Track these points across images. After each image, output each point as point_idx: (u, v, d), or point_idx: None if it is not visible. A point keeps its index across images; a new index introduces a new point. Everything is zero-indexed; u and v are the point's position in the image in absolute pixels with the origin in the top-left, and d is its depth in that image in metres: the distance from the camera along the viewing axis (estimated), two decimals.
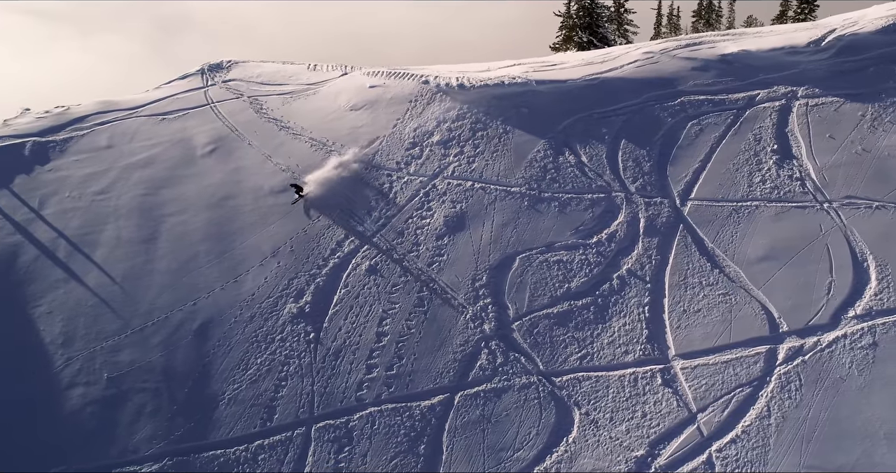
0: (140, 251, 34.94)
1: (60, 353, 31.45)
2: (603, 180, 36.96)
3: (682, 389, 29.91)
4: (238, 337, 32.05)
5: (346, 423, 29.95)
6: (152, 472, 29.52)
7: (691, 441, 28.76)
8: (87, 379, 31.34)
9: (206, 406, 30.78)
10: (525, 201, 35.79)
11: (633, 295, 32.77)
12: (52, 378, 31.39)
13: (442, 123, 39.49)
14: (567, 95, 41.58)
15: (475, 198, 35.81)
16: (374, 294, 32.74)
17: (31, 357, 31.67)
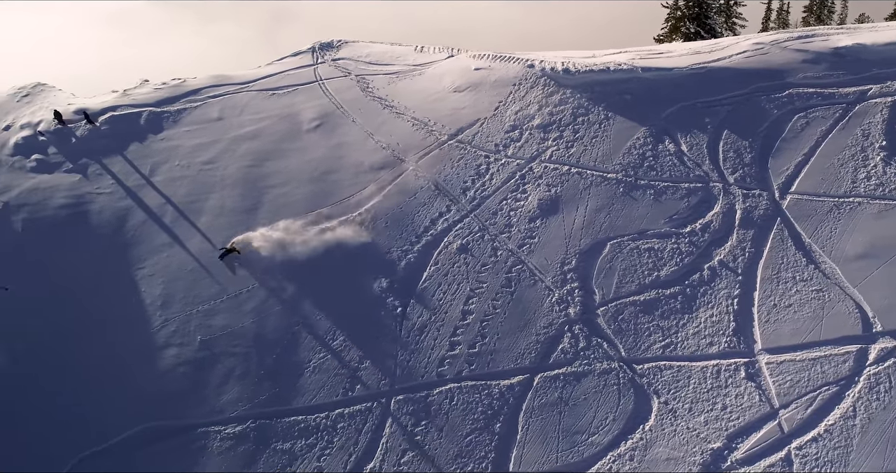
0: (242, 220, 38.08)
1: (158, 314, 34.81)
2: (701, 170, 38.30)
3: (765, 384, 31.18)
4: (329, 308, 34.83)
5: (425, 397, 32.20)
6: (235, 433, 32.11)
7: (771, 437, 29.87)
8: (182, 341, 34.44)
9: (291, 373, 33.36)
10: (621, 187, 37.44)
11: (722, 287, 34.13)
12: (149, 337, 34.49)
13: (544, 107, 41.48)
14: (672, 83, 42.89)
15: (571, 182, 37.67)
16: (463, 272, 35.00)
17: (131, 316, 35.07)
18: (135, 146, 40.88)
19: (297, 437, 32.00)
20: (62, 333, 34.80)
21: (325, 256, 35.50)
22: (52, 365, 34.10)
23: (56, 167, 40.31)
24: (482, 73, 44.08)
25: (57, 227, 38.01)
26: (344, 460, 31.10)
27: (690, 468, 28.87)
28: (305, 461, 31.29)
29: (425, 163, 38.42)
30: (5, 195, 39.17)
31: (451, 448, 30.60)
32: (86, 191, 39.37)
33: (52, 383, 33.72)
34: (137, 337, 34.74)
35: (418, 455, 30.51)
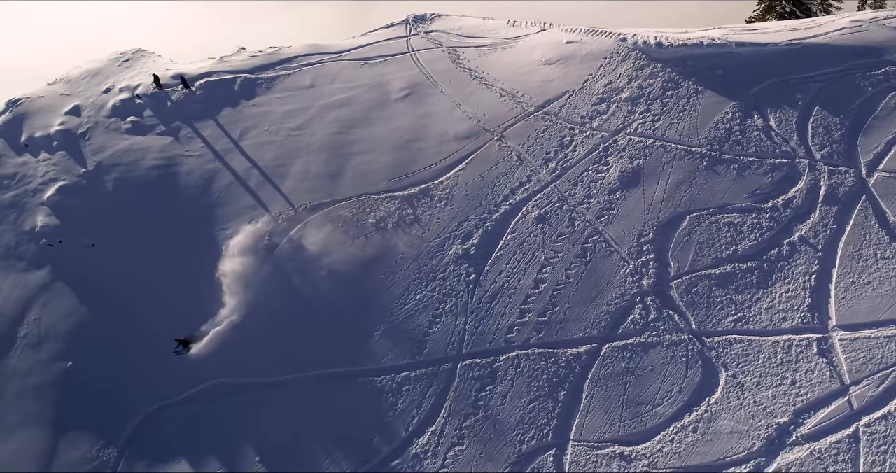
0: (324, 185, 40.84)
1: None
2: (788, 145, 39.37)
3: (837, 360, 32.21)
4: (402, 273, 37.11)
5: (491, 363, 34.21)
6: (301, 392, 34.49)
7: (839, 414, 30.64)
8: (256, 299, 37.06)
9: (360, 335, 35.45)
10: (704, 161, 38.83)
11: (801, 263, 35.24)
12: (220, 300, 37.65)
13: (633, 81, 43.14)
14: (765, 59, 43.87)
15: (654, 155, 39.24)
16: (539, 242, 37.00)
17: (210, 276, 38.32)
18: (227, 111, 44.13)
19: (363, 398, 33.81)
20: (147, 290, 37.95)
21: (398, 223, 37.71)
22: (135, 319, 37.55)
23: (150, 129, 43.84)
24: (573, 47, 45.93)
25: (146, 187, 41.38)
26: (406, 422, 32.97)
27: (754, 442, 29.94)
28: (368, 422, 33.13)
29: (510, 133, 40.44)
30: (99, 155, 42.85)
31: (513, 414, 32.10)
32: (176, 154, 42.70)
33: (134, 337, 36.54)
34: (215, 296, 37.24)
35: (480, 420, 32.17)
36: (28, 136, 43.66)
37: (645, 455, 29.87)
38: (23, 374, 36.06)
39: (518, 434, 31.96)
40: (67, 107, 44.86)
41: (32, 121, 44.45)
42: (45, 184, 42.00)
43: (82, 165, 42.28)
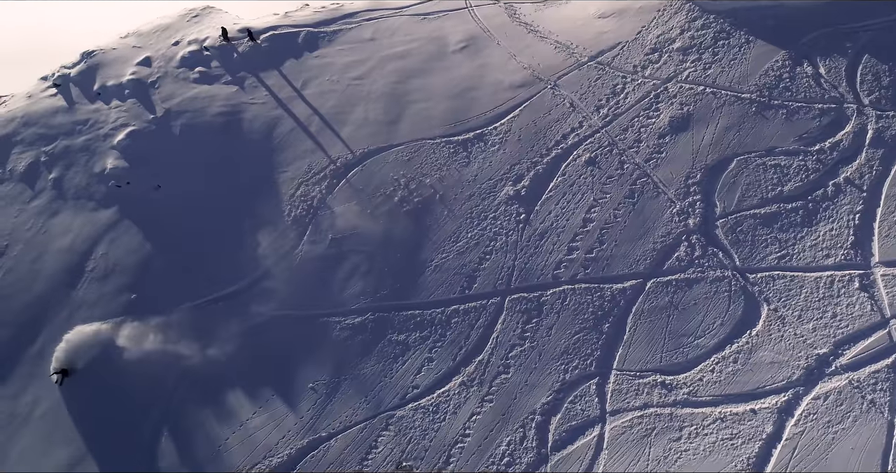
0: (382, 131, 42.04)
1: (295, 214, 39.46)
2: (837, 92, 39.69)
3: (878, 295, 32.61)
4: (455, 212, 38.13)
5: (538, 297, 35.10)
6: (355, 324, 35.59)
7: (879, 345, 31.10)
8: (314, 239, 38.33)
9: (413, 271, 36.55)
10: (753, 107, 39.30)
11: (845, 203, 35.67)
12: (285, 234, 38.90)
13: (686, 31, 43.70)
14: (817, 9, 43.79)
15: (704, 101, 39.83)
16: (589, 183, 37.84)
17: (269, 215, 39.56)
18: (290, 62, 45.53)
19: (413, 330, 34.99)
20: (209, 229, 39.63)
21: (452, 163, 38.83)
22: (197, 255, 39.31)
23: (216, 79, 45.35)
24: (627, 2, 46.66)
25: (212, 132, 42.90)
26: (454, 352, 33.88)
27: (794, 371, 30.56)
28: (417, 352, 34.28)
29: (563, 82, 41.26)
30: (168, 102, 44.47)
31: (558, 345, 32.98)
32: (241, 101, 44.16)
33: (195, 273, 38.39)
34: (274, 233, 38.59)
35: (526, 350, 33.09)
36: (101, 85, 45.31)
37: (685, 384, 30.40)
38: (90, 305, 37.42)
39: (562, 364, 32.46)
40: (138, 58, 46.36)
41: (105, 72, 46.11)
42: (116, 129, 43.63)
43: (151, 112, 43.73)
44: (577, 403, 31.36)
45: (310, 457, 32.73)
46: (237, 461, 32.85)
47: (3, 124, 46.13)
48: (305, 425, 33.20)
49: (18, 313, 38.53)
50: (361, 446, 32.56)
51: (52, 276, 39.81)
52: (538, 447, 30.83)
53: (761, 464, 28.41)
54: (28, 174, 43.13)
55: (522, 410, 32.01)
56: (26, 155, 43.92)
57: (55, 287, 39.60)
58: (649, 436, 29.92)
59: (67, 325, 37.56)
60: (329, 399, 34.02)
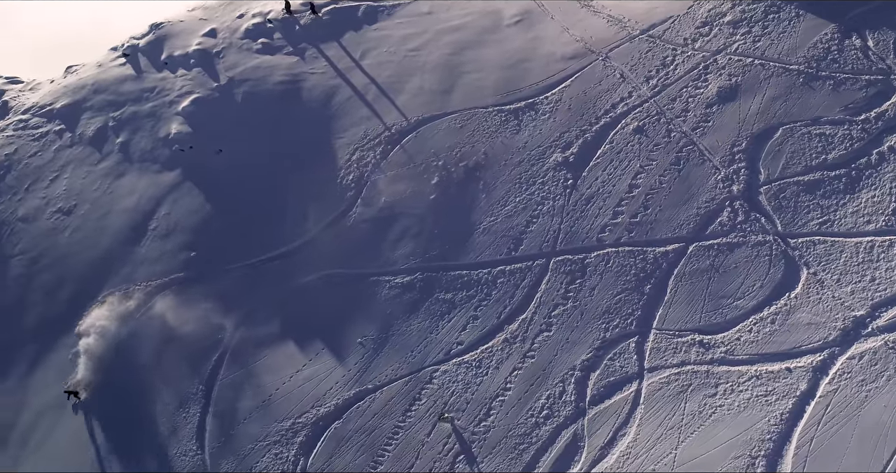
0: (436, 100, 43.22)
1: (350, 177, 40.98)
2: (884, 63, 39.88)
3: None
4: (504, 178, 39.21)
5: (582, 259, 36.03)
6: (403, 283, 36.83)
7: None
8: (367, 202, 39.61)
9: (462, 234, 37.61)
10: (801, 78, 39.77)
11: (889, 171, 35.98)
12: (340, 196, 40.46)
13: (737, 5, 44.06)
14: None
15: (752, 73, 40.38)
16: (636, 151, 38.70)
17: (326, 177, 41.21)
18: (350, 34, 46.96)
19: (459, 289, 36.08)
20: (268, 191, 41.60)
21: (504, 131, 40.15)
22: (255, 216, 41.12)
23: (278, 50, 46.96)
24: None
25: (272, 100, 44.53)
26: (498, 311, 34.93)
27: (830, 332, 31.21)
28: (463, 310, 35.34)
29: (614, 54, 42.04)
30: (231, 71, 46.21)
31: (600, 305, 33.89)
32: (301, 71, 45.73)
33: (253, 233, 40.21)
34: (329, 196, 40.09)
35: (569, 310, 34.08)
36: (168, 55, 47.20)
37: (723, 343, 31.16)
38: (151, 261, 39.25)
39: (603, 323, 33.23)
40: (204, 30, 48.10)
41: (172, 42, 47.99)
42: (181, 96, 45.50)
43: (215, 80, 45.47)
44: (616, 360, 31.84)
45: (355, 408, 33.77)
46: (286, 410, 34.15)
47: (75, 91, 48.13)
48: (353, 377, 34.14)
49: (84, 269, 40.33)
50: (405, 398, 33.48)
51: (117, 234, 41.54)
52: (577, 401, 31.44)
53: (794, 420, 28.85)
54: (96, 138, 45.03)
55: (563, 366, 32.69)
56: (95, 120, 45.93)
57: (119, 244, 41.50)
58: (685, 392, 30.34)
59: (129, 281, 38.92)
60: (376, 353, 35.16)
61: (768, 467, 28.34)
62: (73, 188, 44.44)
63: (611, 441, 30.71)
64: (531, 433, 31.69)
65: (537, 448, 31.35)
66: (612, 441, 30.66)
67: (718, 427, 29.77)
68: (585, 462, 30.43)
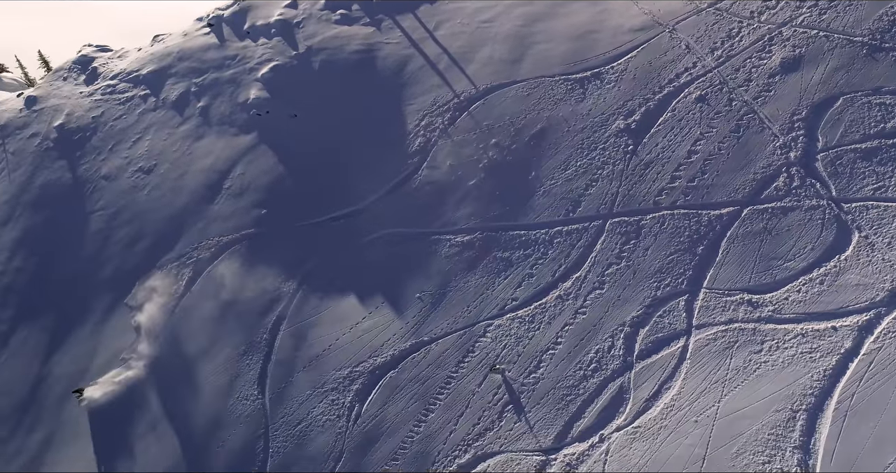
0: (505, 69, 44.65)
1: (417, 142, 42.76)
2: None
3: None
4: (566, 143, 40.53)
5: (638, 221, 37.21)
6: (463, 242, 38.23)
7: None
8: (433, 164, 41.23)
9: (522, 196, 38.79)
10: (864, 50, 40.17)
11: None
12: (407, 159, 42.40)
13: None
14: None
15: (816, 44, 40.98)
16: (697, 119, 39.73)
17: (396, 139, 43.13)
18: (425, 6, 48.65)
19: (517, 248, 37.42)
20: (339, 153, 43.27)
21: (569, 99, 41.43)
22: (326, 178, 43.17)
23: (355, 21, 48.91)
24: None
25: (348, 68, 46.49)
26: (554, 269, 36.17)
27: (878, 293, 31.87)
28: (519, 268, 36.66)
29: (681, 26, 42.86)
30: (310, 40, 48.34)
31: (653, 264, 34.97)
32: (377, 41, 47.64)
33: (323, 193, 41.92)
34: (397, 159, 41.85)
35: (622, 269, 35.23)
36: (250, 25, 49.49)
37: (771, 302, 32.02)
38: (224, 218, 41.50)
39: (655, 282, 34.08)
40: (286, 1, 50.34)
41: (255, 13, 50.27)
42: (261, 63, 47.78)
43: (294, 49, 47.66)
44: (666, 317, 32.69)
45: (410, 359, 35.22)
46: (344, 359, 35.85)
47: (160, 59, 50.79)
48: (409, 330, 35.52)
49: (160, 224, 42.68)
50: (459, 350, 34.66)
51: (193, 192, 43.58)
52: (625, 355, 32.30)
53: (837, 376, 29.39)
54: (179, 102, 47.50)
55: (613, 322, 33.60)
56: (178, 85, 48.42)
57: (195, 202, 43.70)
58: (731, 348, 31.13)
59: (203, 236, 41.49)
60: (433, 308, 36.48)
61: (808, 420, 28.93)
62: (154, 149, 46.50)
63: (655, 394, 31.07)
64: (579, 385, 32.24)
65: (584, 399, 32.06)
66: (657, 393, 31.02)
67: (762, 381, 29.97)
68: (630, 413, 30.95)
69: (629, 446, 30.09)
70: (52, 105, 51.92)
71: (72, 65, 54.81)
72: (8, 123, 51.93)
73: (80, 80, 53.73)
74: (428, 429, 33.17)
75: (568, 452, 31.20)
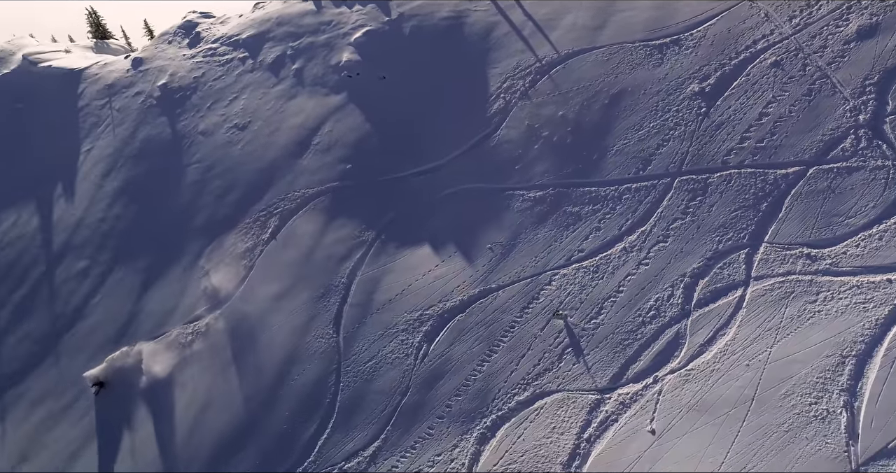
0: (587, 36, 46.43)
1: (499, 104, 45.08)
2: None
3: None
4: (641, 105, 42.13)
5: (705, 179, 38.77)
6: (535, 197, 39.93)
7: None
8: (512, 124, 43.09)
9: (595, 155, 40.45)
10: None
11: None
12: (486, 120, 44.64)
13: None
14: None
15: (894, 12, 42.04)
16: (770, 83, 41.07)
17: (478, 98, 45.45)
18: None
19: (586, 204, 39.04)
20: (425, 114, 46.27)
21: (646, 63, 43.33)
22: (410, 136, 45.68)
23: None
24: None
25: (436, 34, 48.97)
26: (620, 223, 37.73)
27: None
28: (588, 222, 38.30)
29: None
30: (402, 7, 50.78)
31: (717, 220, 36.30)
32: (465, 8, 49.92)
33: (406, 149, 44.51)
34: (478, 119, 44.16)
35: (687, 223, 36.69)
36: None
37: (829, 256, 33.23)
38: (311, 172, 44.36)
39: (717, 236, 35.42)
40: None
41: None
42: (355, 28, 50.58)
43: (387, 15, 50.33)
44: (725, 269, 34.08)
45: (478, 304, 36.99)
46: (415, 303, 37.92)
47: (260, 24, 54.01)
48: (479, 278, 37.42)
49: (251, 177, 45.54)
50: (525, 297, 36.46)
51: (283, 148, 46.28)
52: (683, 304, 33.76)
53: (888, 325, 30.35)
54: (275, 64, 50.59)
55: (674, 273, 34.90)
56: (275, 49, 51.55)
57: (285, 157, 46.33)
58: (787, 299, 32.37)
59: (290, 188, 44.12)
60: (503, 258, 38.27)
61: (857, 366, 30.00)
62: (249, 107, 49.47)
63: (710, 340, 32.39)
64: (637, 330, 33.70)
65: (641, 344, 33.44)
66: (712, 339, 32.36)
67: (814, 329, 31.07)
68: (684, 357, 32.23)
69: (681, 387, 31.06)
70: (157, 66, 55.52)
71: (177, 29, 58.38)
72: (115, 82, 55.73)
73: (183, 44, 57.10)
74: (490, 368, 34.48)
75: (622, 392, 32.14)
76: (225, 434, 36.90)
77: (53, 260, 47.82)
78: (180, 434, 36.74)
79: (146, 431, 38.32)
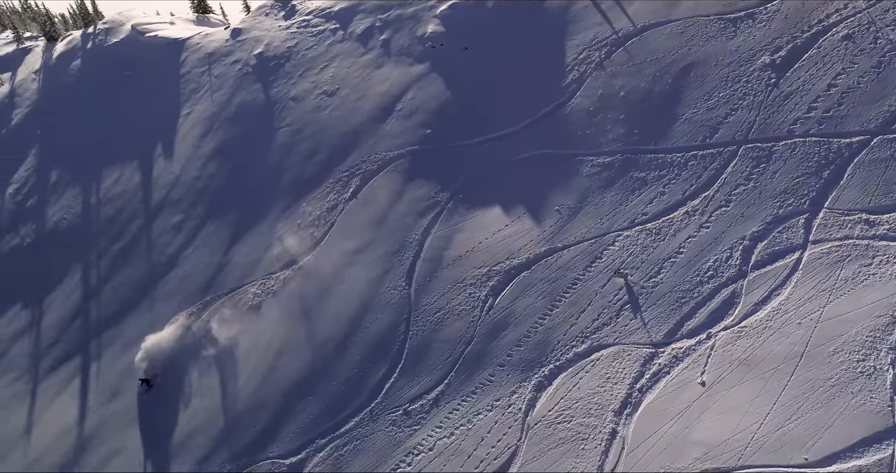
0: (663, 9, 45.82)
1: (572, 76, 46.06)
2: None
3: None
4: (712, 76, 42.54)
5: (770, 147, 39.10)
6: (604, 162, 40.65)
7: None
8: (586, 93, 43.69)
9: (664, 122, 40.77)
10: None
11: None
12: (563, 89, 45.61)
13: None
14: None
15: None
16: (841, 55, 41.17)
17: (556, 69, 46.39)
18: None
19: (652, 169, 39.50)
20: (502, 78, 47.38)
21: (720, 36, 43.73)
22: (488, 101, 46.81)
23: None
24: None
25: (519, 8, 49.80)
26: (684, 188, 38.17)
27: None
28: (653, 187, 38.72)
29: None
30: None
31: (779, 186, 36.66)
32: None
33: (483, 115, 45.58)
34: (554, 87, 45.17)
35: (749, 189, 36.98)
36: None
37: (887, 222, 33.37)
38: (393, 136, 45.93)
39: (778, 202, 35.65)
40: None
41: None
42: (441, 1, 52.05)
43: None
44: (784, 233, 34.41)
45: (543, 262, 37.77)
46: (484, 260, 38.84)
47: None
48: (546, 237, 38.35)
49: (337, 140, 47.23)
50: (588, 256, 37.27)
51: (368, 113, 47.78)
52: (740, 265, 34.18)
53: None
54: (363, 35, 52.30)
55: (734, 236, 35.20)
56: (365, 21, 53.27)
57: (369, 122, 47.64)
58: (843, 262, 32.63)
59: (372, 151, 45.59)
60: (569, 220, 39.02)
61: None
62: (338, 75, 51.23)
63: (765, 299, 32.75)
64: (694, 289, 34.17)
65: (697, 302, 33.84)
66: (766, 299, 32.73)
67: (867, 291, 31.24)
68: (738, 315, 32.66)
69: (733, 343, 31.55)
70: (254, 36, 57.80)
71: (273, 2, 60.57)
72: (215, 51, 58.27)
73: (279, 16, 59.30)
74: (551, 322, 35.29)
75: (676, 346, 32.60)
76: (296, 380, 38.27)
77: (151, 215, 49.84)
78: (255, 381, 38.15)
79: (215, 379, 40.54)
